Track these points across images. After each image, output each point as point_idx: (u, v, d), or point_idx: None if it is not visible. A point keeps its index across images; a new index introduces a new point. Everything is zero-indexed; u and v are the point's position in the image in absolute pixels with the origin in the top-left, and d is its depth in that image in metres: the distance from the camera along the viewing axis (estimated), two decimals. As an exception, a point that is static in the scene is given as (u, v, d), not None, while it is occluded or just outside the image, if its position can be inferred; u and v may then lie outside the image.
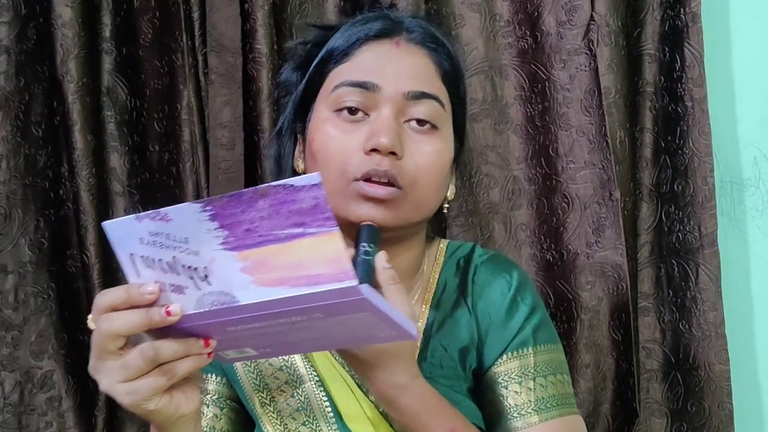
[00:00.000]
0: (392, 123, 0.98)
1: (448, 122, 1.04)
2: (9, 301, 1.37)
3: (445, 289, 1.09)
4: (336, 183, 0.98)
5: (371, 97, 1.00)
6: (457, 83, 1.06)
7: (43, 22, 1.35)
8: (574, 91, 1.37)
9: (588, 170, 1.38)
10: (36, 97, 1.38)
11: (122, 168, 1.39)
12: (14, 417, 1.37)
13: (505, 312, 1.06)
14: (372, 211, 0.98)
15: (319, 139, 1.01)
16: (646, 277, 1.42)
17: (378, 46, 1.03)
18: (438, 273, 1.10)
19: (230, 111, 1.34)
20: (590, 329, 1.39)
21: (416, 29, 1.05)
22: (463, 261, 1.11)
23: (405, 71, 1.01)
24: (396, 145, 0.97)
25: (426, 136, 1.00)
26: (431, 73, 1.04)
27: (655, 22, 1.38)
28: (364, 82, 1.00)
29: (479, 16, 1.38)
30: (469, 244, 1.15)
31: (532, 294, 1.09)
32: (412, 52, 1.04)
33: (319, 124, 1.02)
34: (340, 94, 1.00)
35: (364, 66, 1.02)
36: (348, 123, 1.00)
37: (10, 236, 1.37)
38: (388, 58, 1.02)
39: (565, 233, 1.39)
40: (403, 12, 1.10)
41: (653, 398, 1.41)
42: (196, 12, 1.35)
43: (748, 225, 1.45)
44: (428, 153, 1.00)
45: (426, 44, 1.05)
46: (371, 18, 1.06)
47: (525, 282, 1.10)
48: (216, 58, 1.34)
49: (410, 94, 1.00)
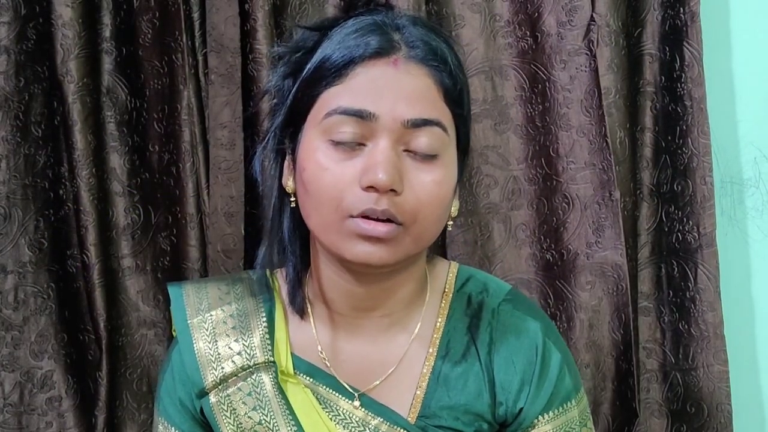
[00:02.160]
0: (390, 156, 0.91)
1: (450, 146, 0.96)
2: (9, 301, 1.37)
3: (455, 330, 1.04)
4: (330, 217, 0.93)
5: (367, 126, 0.92)
6: (460, 101, 0.97)
7: (43, 22, 1.35)
8: (575, 92, 1.37)
9: (588, 170, 1.38)
10: (36, 97, 1.37)
11: (122, 168, 1.39)
12: (14, 417, 1.37)
13: (540, 365, 1.01)
14: (369, 249, 0.92)
15: (310, 169, 0.94)
16: (646, 277, 1.42)
17: (373, 67, 0.93)
18: (447, 311, 1.04)
19: (230, 111, 1.34)
20: (590, 329, 1.39)
21: (416, 44, 0.95)
22: (476, 301, 1.05)
23: (404, 96, 0.92)
24: (395, 182, 0.90)
25: (427, 165, 0.93)
26: (432, 94, 0.94)
27: (655, 21, 1.38)
28: (360, 110, 0.91)
29: (479, 16, 1.38)
30: (482, 277, 1.09)
31: (559, 337, 1.06)
32: (411, 73, 0.94)
33: (310, 153, 0.94)
34: (334, 122, 0.92)
35: (358, 91, 0.92)
36: (342, 153, 0.92)
37: (9, 236, 1.37)
38: (384, 81, 0.92)
39: (565, 233, 1.39)
40: (402, 15, 1.01)
41: (653, 398, 1.41)
42: (196, 12, 1.35)
43: (748, 225, 1.45)
44: (429, 184, 0.93)
45: (427, 62, 0.95)
46: (365, 30, 0.95)
47: (550, 325, 1.06)
48: (216, 58, 1.33)
49: (410, 123, 0.92)
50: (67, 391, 1.39)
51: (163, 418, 1.07)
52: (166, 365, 1.08)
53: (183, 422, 1.06)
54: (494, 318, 1.03)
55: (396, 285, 1.01)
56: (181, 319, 1.06)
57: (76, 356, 1.40)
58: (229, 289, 1.08)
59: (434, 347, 1.03)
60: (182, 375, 1.05)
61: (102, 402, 1.37)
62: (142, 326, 1.40)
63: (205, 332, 1.05)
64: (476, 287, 1.06)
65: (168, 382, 1.07)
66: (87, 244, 1.35)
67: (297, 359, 1.04)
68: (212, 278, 1.22)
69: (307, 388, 1.02)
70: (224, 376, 1.02)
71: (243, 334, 1.04)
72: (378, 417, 1.01)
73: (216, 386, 1.03)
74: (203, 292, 1.08)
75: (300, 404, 1.01)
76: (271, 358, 1.03)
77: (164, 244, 1.40)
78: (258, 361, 1.03)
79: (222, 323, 1.05)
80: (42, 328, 1.39)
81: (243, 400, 1.02)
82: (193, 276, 1.36)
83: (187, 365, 1.04)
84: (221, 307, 1.06)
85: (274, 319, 1.05)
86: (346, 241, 0.93)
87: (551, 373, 1.01)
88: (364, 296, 1.01)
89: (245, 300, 1.07)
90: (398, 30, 0.96)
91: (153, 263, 1.40)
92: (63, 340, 1.40)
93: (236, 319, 1.05)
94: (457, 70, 0.97)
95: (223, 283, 1.10)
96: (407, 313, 1.04)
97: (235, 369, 1.03)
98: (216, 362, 1.03)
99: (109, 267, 1.38)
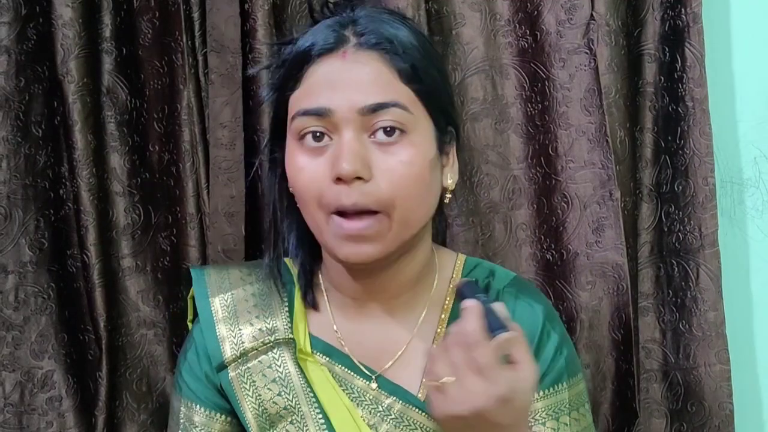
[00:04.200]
0: (352, 146, 0.93)
1: (418, 123, 0.96)
2: (9, 301, 1.37)
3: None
4: (317, 216, 0.97)
5: (328, 122, 0.94)
6: (417, 77, 0.97)
7: (43, 22, 1.35)
8: (574, 91, 1.37)
9: (588, 170, 1.38)
10: (36, 97, 1.37)
11: (122, 168, 1.39)
12: (14, 417, 1.37)
13: (536, 344, 1.03)
14: (355, 250, 0.95)
15: (291, 173, 0.98)
16: (646, 277, 1.42)
17: (324, 64, 0.96)
18: (454, 293, 1.05)
19: (230, 111, 1.34)
20: (590, 329, 1.39)
21: (366, 32, 0.97)
22: (483, 284, 1.08)
23: (355, 85, 0.94)
24: (359, 169, 0.92)
25: (393, 147, 0.94)
26: (385, 77, 0.95)
27: (655, 22, 1.38)
28: (317, 109, 0.94)
29: (480, 15, 1.38)
30: (488, 265, 1.12)
31: (560, 322, 1.08)
32: (360, 61, 0.96)
33: (289, 158, 0.99)
34: (299, 124, 0.96)
35: (314, 90, 0.96)
36: (314, 150, 0.96)
37: (10, 236, 1.37)
38: (336, 74, 0.95)
39: (565, 233, 1.39)
40: (362, 8, 1.02)
41: (653, 398, 1.41)
42: (196, 12, 1.35)
43: (748, 225, 1.45)
44: (399, 165, 0.94)
45: (377, 47, 0.96)
46: (318, 31, 0.99)
47: (552, 310, 1.08)
48: (216, 58, 1.33)
49: (366, 109, 0.93)
50: (68, 391, 1.39)
51: (187, 399, 1.08)
52: (188, 345, 1.11)
53: (210, 397, 1.07)
54: (498, 299, 1.04)
55: (399, 269, 1.03)
56: (203, 296, 1.09)
57: (77, 356, 1.40)
58: (251, 272, 1.12)
59: (442, 326, 1.06)
60: (204, 348, 1.08)
61: (102, 402, 1.37)
62: (142, 326, 1.40)
63: (227, 309, 1.08)
64: (483, 273, 1.10)
65: (192, 360, 1.09)
66: (87, 244, 1.35)
67: (314, 339, 1.07)
68: (233, 263, 1.28)
69: (324, 367, 1.05)
70: (244, 350, 1.05)
71: (264, 312, 1.08)
72: (391, 396, 1.04)
73: (236, 359, 1.05)
74: (224, 273, 1.12)
75: (318, 381, 1.04)
76: (291, 335, 1.06)
77: (164, 244, 1.40)
78: (279, 337, 1.06)
79: (243, 301, 1.08)
80: (42, 328, 1.39)
81: (263, 372, 1.05)
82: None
83: (208, 340, 1.07)
84: (242, 287, 1.10)
85: (294, 301, 1.09)
86: (335, 242, 0.96)
87: (546, 354, 1.04)
88: (368, 283, 1.04)
89: (267, 282, 1.10)
90: (353, 23, 0.99)
91: (153, 263, 1.41)
92: (63, 340, 1.40)
93: (258, 298, 1.09)
94: (411, 47, 0.97)
95: (244, 267, 1.14)
96: (414, 295, 1.06)
97: (256, 344, 1.06)
98: (236, 337, 1.06)
99: (109, 267, 1.38)
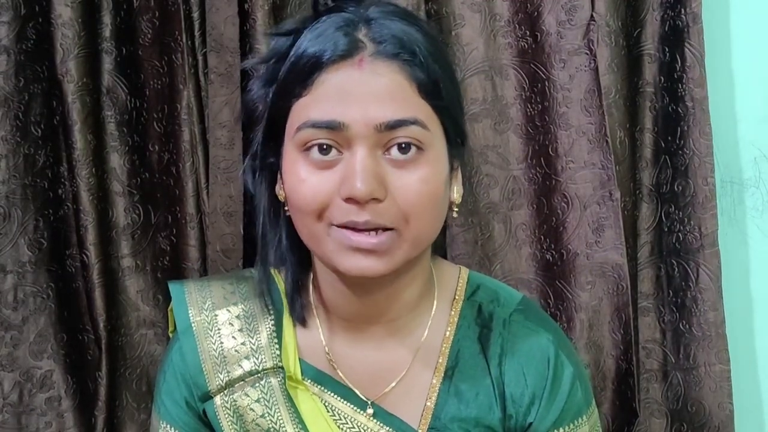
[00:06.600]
0: (367, 164, 0.86)
1: (434, 140, 0.91)
2: (8, 301, 1.37)
3: (464, 339, 1.01)
4: (315, 228, 0.90)
5: (340, 135, 0.87)
6: (438, 92, 0.91)
7: (43, 22, 1.35)
8: (574, 91, 1.37)
9: (588, 170, 1.38)
10: (36, 97, 1.37)
11: (122, 168, 1.39)
12: (14, 417, 1.37)
13: (551, 379, 0.98)
14: (363, 263, 0.89)
15: (289, 182, 0.91)
16: (646, 277, 1.42)
17: (339, 72, 0.88)
18: (456, 319, 1.01)
19: (230, 111, 1.34)
20: (590, 329, 1.39)
21: (384, 38, 0.89)
22: (487, 310, 1.02)
23: (372, 98, 0.87)
24: (375, 190, 0.86)
25: (410, 164, 0.88)
26: (405, 91, 0.88)
27: (655, 22, 1.38)
28: (329, 122, 0.87)
29: (479, 16, 1.38)
30: (491, 285, 1.06)
31: (571, 349, 1.03)
32: (378, 72, 0.88)
33: (288, 166, 0.91)
34: (306, 136, 0.89)
35: (326, 100, 0.88)
36: (320, 162, 0.89)
37: (9, 236, 1.37)
38: (351, 86, 0.87)
39: (564, 233, 1.39)
40: (373, 5, 0.93)
41: (653, 398, 1.41)
42: (195, 12, 1.35)
43: (748, 225, 1.45)
44: (416, 184, 0.88)
45: (396, 57, 0.89)
46: (330, 31, 0.90)
47: (562, 336, 1.04)
48: (216, 57, 1.33)
49: (383, 126, 0.87)
50: (67, 391, 1.39)
51: (165, 422, 1.04)
52: (165, 365, 1.05)
53: (189, 422, 1.03)
54: (505, 329, 1.00)
55: (399, 289, 0.98)
56: (184, 318, 1.03)
57: (76, 356, 1.40)
58: (234, 289, 1.05)
59: (444, 357, 1.00)
60: (185, 375, 1.02)
61: (102, 402, 1.37)
62: (142, 326, 1.40)
63: (210, 333, 1.02)
64: (487, 296, 1.03)
65: (170, 383, 1.04)
66: (87, 243, 1.34)
67: (304, 364, 1.02)
68: (214, 277, 1.19)
69: (315, 396, 1.00)
70: (230, 381, 1.00)
71: (251, 337, 1.01)
72: (387, 427, 0.99)
73: (221, 390, 1.00)
74: (206, 291, 1.05)
75: (308, 412, 0.99)
76: (280, 363, 1.00)
77: (164, 244, 1.40)
78: (267, 366, 1.00)
79: (228, 324, 1.02)
80: (41, 327, 1.39)
81: (251, 406, 1.00)
82: (192, 276, 1.36)
83: (190, 366, 1.02)
84: (227, 308, 1.03)
85: (282, 322, 1.02)
86: (338, 253, 0.90)
87: (563, 388, 0.99)
88: (366, 303, 0.98)
89: (251, 300, 1.03)
90: (367, 24, 0.91)
91: (153, 263, 1.40)
92: (62, 340, 1.39)
93: (243, 321, 1.02)
94: (431, 59, 0.90)
95: (227, 282, 1.06)
96: (413, 318, 1.01)
97: (243, 373, 1.00)
98: (222, 365, 1.00)
99: (108, 267, 1.37)
